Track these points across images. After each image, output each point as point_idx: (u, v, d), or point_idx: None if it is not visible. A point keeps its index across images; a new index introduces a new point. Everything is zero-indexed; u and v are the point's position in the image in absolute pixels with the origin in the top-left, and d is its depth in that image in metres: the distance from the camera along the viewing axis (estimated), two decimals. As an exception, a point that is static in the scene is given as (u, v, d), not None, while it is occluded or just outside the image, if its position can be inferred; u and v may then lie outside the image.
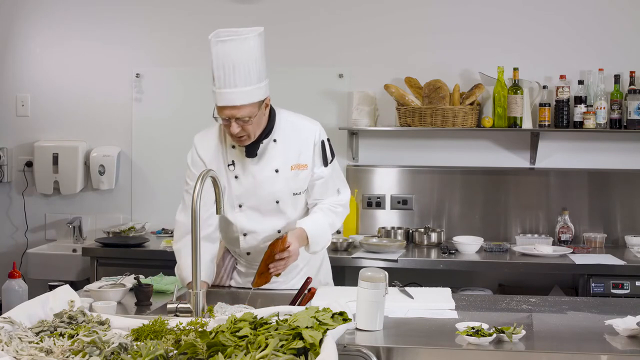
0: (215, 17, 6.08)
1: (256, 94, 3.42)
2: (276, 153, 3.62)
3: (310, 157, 3.66)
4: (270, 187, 3.62)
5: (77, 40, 6.30)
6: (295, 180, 3.65)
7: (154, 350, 2.29)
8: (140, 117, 6.23)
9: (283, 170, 3.62)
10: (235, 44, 3.37)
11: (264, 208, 3.66)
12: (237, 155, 3.62)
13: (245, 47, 3.38)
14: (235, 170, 3.62)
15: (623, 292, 4.85)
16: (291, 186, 3.65)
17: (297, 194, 3.68)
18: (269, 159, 3.62)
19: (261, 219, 3.68)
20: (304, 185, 3.68)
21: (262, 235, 3.71)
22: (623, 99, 5.49)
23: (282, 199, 3.65)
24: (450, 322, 3.04)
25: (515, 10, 5.81)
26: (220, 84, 3.40)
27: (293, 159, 3.63)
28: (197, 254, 2.96)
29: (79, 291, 3.50)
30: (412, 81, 5.67)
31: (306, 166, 3.65)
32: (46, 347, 2.41)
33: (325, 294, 3.47)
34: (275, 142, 3.62)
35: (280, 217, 3.69)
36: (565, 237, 5.58)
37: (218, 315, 2.99)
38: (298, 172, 3.64)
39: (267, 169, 3.62)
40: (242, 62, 3.37)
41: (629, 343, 2.81)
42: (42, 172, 6.26)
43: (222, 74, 3.39)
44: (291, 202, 3.68)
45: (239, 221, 3.69)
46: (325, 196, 3.75)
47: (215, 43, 3.39)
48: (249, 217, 3.68)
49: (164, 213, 6.02)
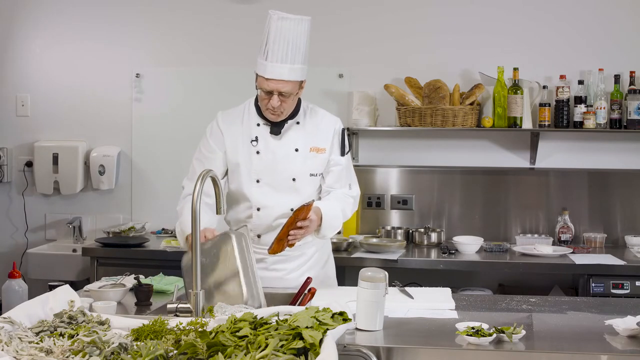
0: (215, 18, 6.09)
1: (301, 73, 3.69)
2: (298, 134, 3.83)
3: (329, 143, 3.86)
4: (289, 165, 3.80)
5: (77, 41, 6.30)
6: (313, 161, 3.83)
7: (154, 350, 2.29)
8: (140, 117, 6.22)
9: (303, 150, 3.81)
10: (294, 23, 3.63)
11: (280, 185, 3.81)
12: (261, 132, 3.82)
13: (300, 29, 3.65)
14: (258, 145, 3.80)
15: (623, 292, 4.85)
16: (309, 166, 3.82)
17: (313, 175, 3.84)
18: (290, 139, 3.82)
19: (276, 195, 3.81)
20: (320, 168, 3.86)
21: (275, 211, 3.81)
22: (623, 99, 5.49)
23: (299, 178, 3.81)
24: (450, 322, 3.04)
25: (515, 10, 5.81)
26: (272, 57, 3.62)
27: (313, 141, 3.84)
28: (197, 253, 2.96)
29: (79, 291, 3.50)
30: (412, 81, 5.68)
31: (324, 150, 3.85)
32: (46, 347, 2.41)
33: (325, 294, 3.47)
34: (299, 124, 3.85)
35: (295, 195, 3.80)
36: (565, 237, 5.58)
37: (218, 315, 2.99)
38: (316, 154, 3.83)
39: (288, 147, 3.81)
40: (296, 41, 3.63)
41: (629, 343, 2.81)
42: (42, 172, 6.26)
43: (277, 48, 3.61)
44: (307, 182, 3.84)
45: (255, 195, 3.82)
46: (338, 185, 3.90)
47: (276, 19, 3.61)
48: (265, 193, 3.81)
49: (164, 213, 6.03)
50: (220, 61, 6.10)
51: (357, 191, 3.98)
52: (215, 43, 6.11)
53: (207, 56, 6.14)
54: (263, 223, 3.83)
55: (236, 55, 6.00)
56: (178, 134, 6.07)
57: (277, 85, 3.63)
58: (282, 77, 3.62)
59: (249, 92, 4.07)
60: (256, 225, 3.84)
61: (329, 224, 3.74)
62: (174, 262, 5.15)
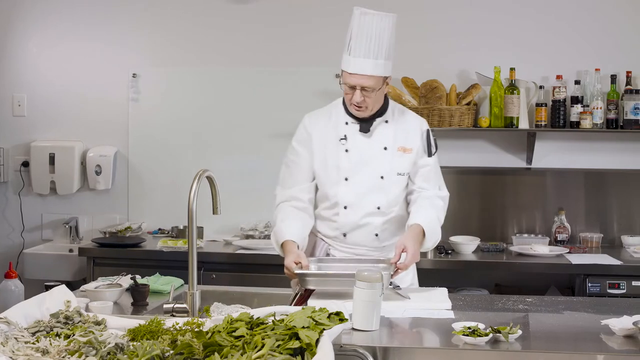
0: (212, 18, 6.09)
1: (384, 69, 3.67)
2: (387, 132, 3.82)
3: (417, 143, 3.84)
4: (378, 163, 3.79)
5: (74, 41, 6.30)
6: (401, 160, 3.80)
7: (150, 350, 2.29)
8: (137, 117, 6.22)
9: (391, 149, 3.80)
10: (378, 18, 3.65)
11: (368, 183, 3.78)
12: (350, 130, 3.82)
13: (384, 24, 3.65)
14: (347, 144, 3.79)
15: (619, 292, 4.85)
16: (396, 165, 3.80)
17: (400, 174, 3.81)
18: (379, 137, 3.81)
19: (364, 193, 3.79)
20: (407, 168, 3.82)
21: (362, 209, 3.80)
22: (619, 99, 5.50)
23: (387, 176, 3.79)
24: (447, 322, 3.04)
25: (511, 10, 5.81)
26: (355, 52, 3.64)
27: (401, 140, 3.82)
28: (193, 254, 2.96)
29: (75, 291, 3.49)
30: (408, 81, 5.68)
31: (412, 150, 3.81)
32: (42, 348, 2.41)
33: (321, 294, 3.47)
34: (387, 122, 3.83)
35: (382, 194, 3.80)
36: (562, 237, 5.58)
37: (214, 315, 3.00)
38: (404, 154, 3.81)
39: (377, 145, 3.80)
40: (379, 36, 3.64)
41: (625, 343, 2.81)
42: (39, 172, 6.25)
43: (360, 43, 3.63)
44: (395, 181, 3.80)
45: (343, 193, 3.79)
46: (429, 186, 3.87)
47: (360, 14, 3.66)
48: (353, 191, 3.79)
49: (161, 213, 6.04)
50: (217, 61, 6.09)
51: (446, 192, 3.95)
52: (212, 43, 6.11)
53: (203, 56, 6.13)
54: (350, 221, 3.81)
55: (233, 56, 6.00)
56: (174, 134, 6.07)
57: (360, 80, 3.64)
58: (364, 72, 3.63)
59: (245, 92, 4.08)
60: (342, 224, 3.82)
61: (430, 237, 3.71)
62: (171, 262, 5.18)
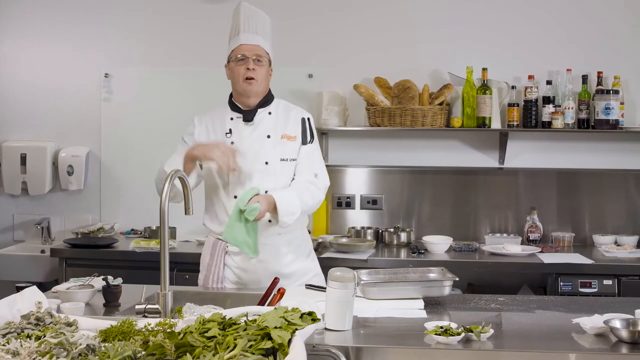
0: (185, 18, 6.07)
1: (271, 48, 4.00)
2: (269, 123, 4.01)
3: (298, 131, 4.03)
4: (262, 150, 3.95)
5: (45, 41, 6.26)
6: (284, 147, 3.98)
7: (122, 351, 2.28)
8: (109, 117, 6.19)
9: (274, 137, 3.98)
10: (262, 14, 4.00)
11: (254, 169, 3.92)
12: (235, 124, 4.00)
13: (267, 21, 4.02)
14: (232, 137, 3.97)
15: (591, 291, 4.88)
16: (280, 151, 3.97)
17: (284, 160, 3.98)
18: (262, 127, 3.99)
19: (252, 180, 3.90)
20: (291, 154, 4.00)
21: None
22: (591, 99, 5.53)
23: (271, 162, 3.94)
24: (419, 322, 3.05)
25: (483, 11, 5.84)
26: (245, 29, 3.93)
27: (283, 128, 4.01)
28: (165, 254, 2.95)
29: (47, 292, 3.47)
30: (381, 81, 5.69)
31: (294, 138, 4.01)
32: (13, 349, 2.39)
33: (294, 294, 3.47)
34: (270, 114, 4.03)
35: (268, 179, 3.92)
36: (534, 237, 5.62)
37: (187, 315, 2.99)
38: (288, 141, 4.00)
39: (260, 134, 3.98)
40: (264, 25, 3.99)
41: (596, 341, 2.83)
42: (10, 172, 6.21)
43: (248, 24, 3.94)
44: (279, 167, 3.96)
45: (232, 183, 3.92)
46: (301, 174, 3.99)
47: (245, 6, 3.98)
48: (241, 179, 3.91)
49: (133, 214, 6.02)
50: (190, 62, 6.08)
51: (324, 181, 4.04)
52: (185, 43, 6.10)
53: (176, 56, 6.12)
54: None
55: (206, 56, 5.97)
56: (147, 134, 6.04)
57: (251, 48, 3.90)
58: (256, 42, 3.92)
59: (218, 92, 4.10)
60: None
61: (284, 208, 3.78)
62: (143, 262, 5.16)
